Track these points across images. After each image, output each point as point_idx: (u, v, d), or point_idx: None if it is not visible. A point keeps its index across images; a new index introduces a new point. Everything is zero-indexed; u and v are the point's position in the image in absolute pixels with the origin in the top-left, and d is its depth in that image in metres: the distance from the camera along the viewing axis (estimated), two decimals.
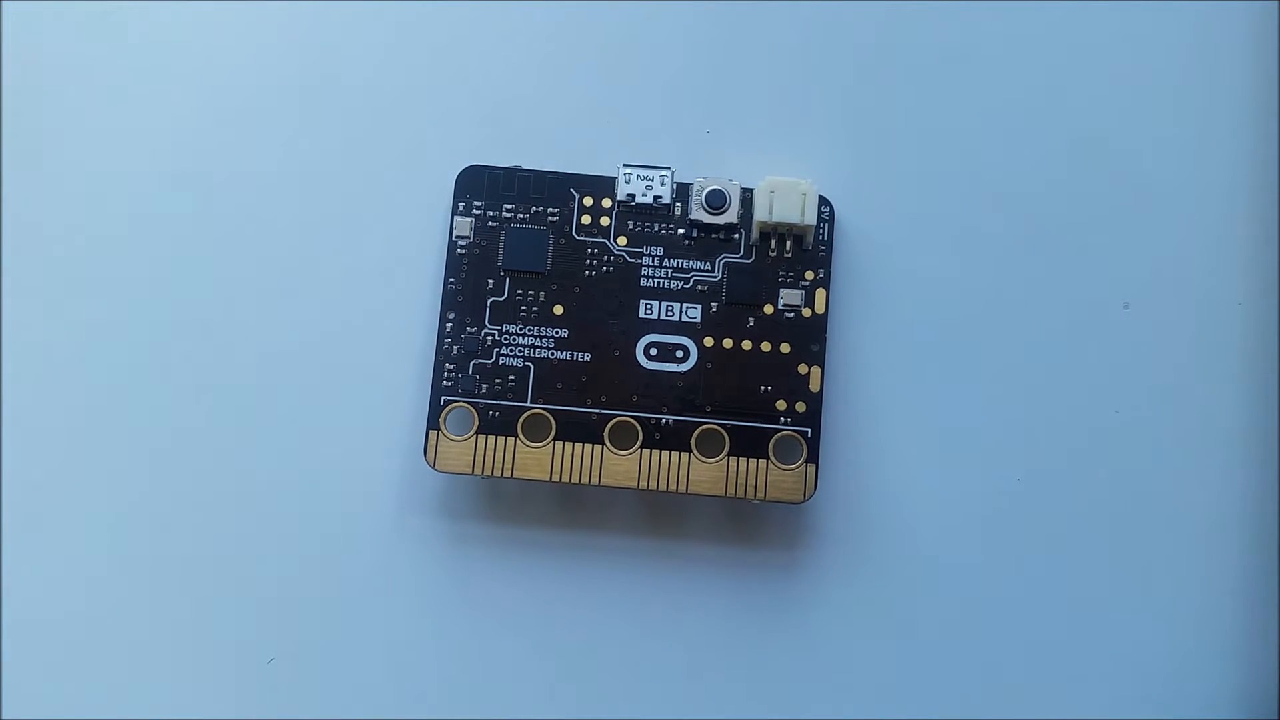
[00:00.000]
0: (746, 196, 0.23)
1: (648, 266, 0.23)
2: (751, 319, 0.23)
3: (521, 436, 0.23)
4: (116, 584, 0.23)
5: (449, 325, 0.23)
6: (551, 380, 0.23)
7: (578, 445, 0.23)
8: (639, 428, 0.23)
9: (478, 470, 0.22)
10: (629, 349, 0.23)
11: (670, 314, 0.23)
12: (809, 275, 0.23)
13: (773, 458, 0.23)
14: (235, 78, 0.25)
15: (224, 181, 0.25)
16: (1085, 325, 0.24)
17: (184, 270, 0.24)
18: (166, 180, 0.25)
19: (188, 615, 0.23)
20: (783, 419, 0.23)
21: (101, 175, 0.25)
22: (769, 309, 0.23)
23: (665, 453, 0.23)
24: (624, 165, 0.24)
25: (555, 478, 0.22)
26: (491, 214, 0.23)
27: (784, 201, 0.23)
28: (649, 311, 0.23)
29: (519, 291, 0.23)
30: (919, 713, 0.23)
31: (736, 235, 0.23)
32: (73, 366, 0.24)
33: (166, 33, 0.25)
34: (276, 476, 0.24)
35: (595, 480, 0.22)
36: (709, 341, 0.23)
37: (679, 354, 0.23)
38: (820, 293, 0.23)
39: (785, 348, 0.23)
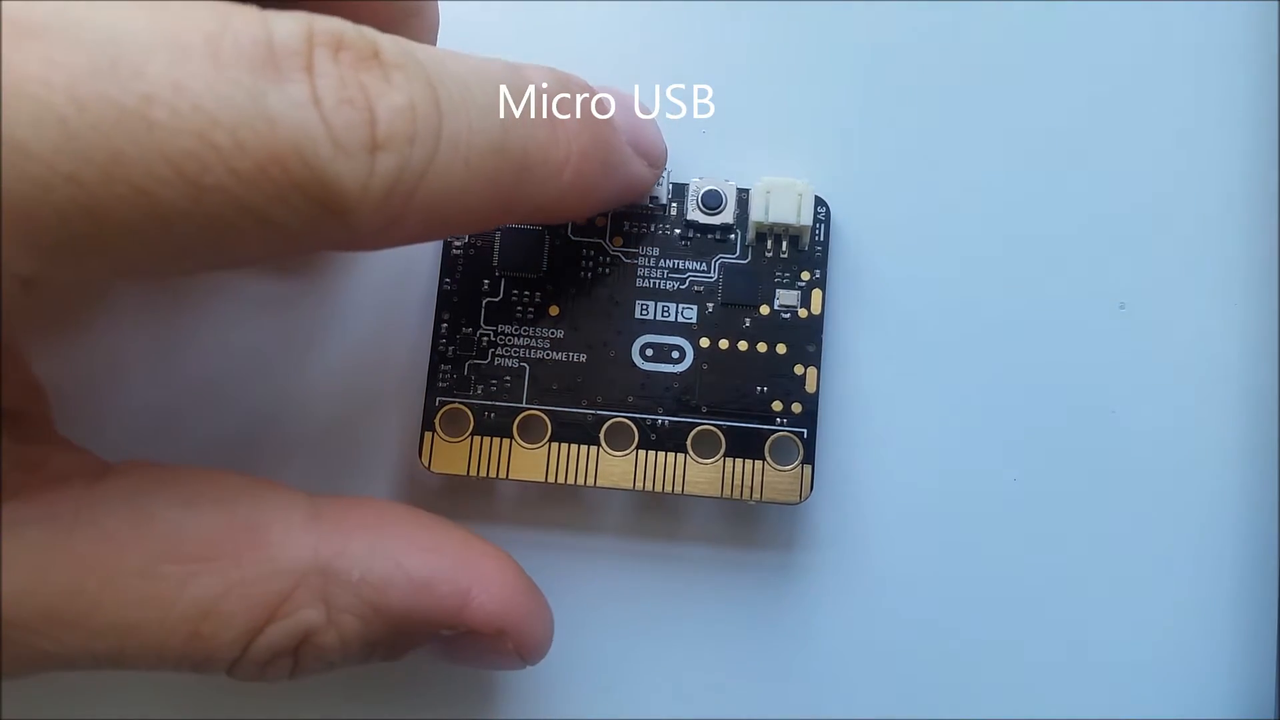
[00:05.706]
0: (742, 197, 0.23)
1: (643, 267, 0.23)
2: (747, 320, 0.23)
3: (517, 437, 0.23)
4: None
5: (444, 326, 0.23)
6: (547, 381, 0.23)
7: (573, 446, 0.23)
8: (635, 429, 0.23)
9: (473, 471, 0.22)
10: (625, 350, 0.23)
11: (666, 314, 0.23)
12: (805, 276, 0.23)
13: (769, 459, 0.23)
14: None
15: None
16: (1081, 326, 0.24)
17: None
18: None
19: None
20: (779, 420, 0.23)
21: None
22: (765, 309, 0.23)
23: (661, 454, 0.23)
24: None
25: (551, 479, 0.22)
26: None
27: (780, 202, 0.23)
28: (645, 312, 0.23)
29: (514, 292, 0.23)
30: (916, 713, 0.23)
31: (732, 236, 0.23)
32: (70, 365, 0.24)
33: None
34: (272, 476, 0.24)
35: (591, 481, 0.22)
36: (705, 342, 0.23)
37: (675, 355, 0.23)
38: (816, 293, 0.23)
39: (781, 348, 0.23)
